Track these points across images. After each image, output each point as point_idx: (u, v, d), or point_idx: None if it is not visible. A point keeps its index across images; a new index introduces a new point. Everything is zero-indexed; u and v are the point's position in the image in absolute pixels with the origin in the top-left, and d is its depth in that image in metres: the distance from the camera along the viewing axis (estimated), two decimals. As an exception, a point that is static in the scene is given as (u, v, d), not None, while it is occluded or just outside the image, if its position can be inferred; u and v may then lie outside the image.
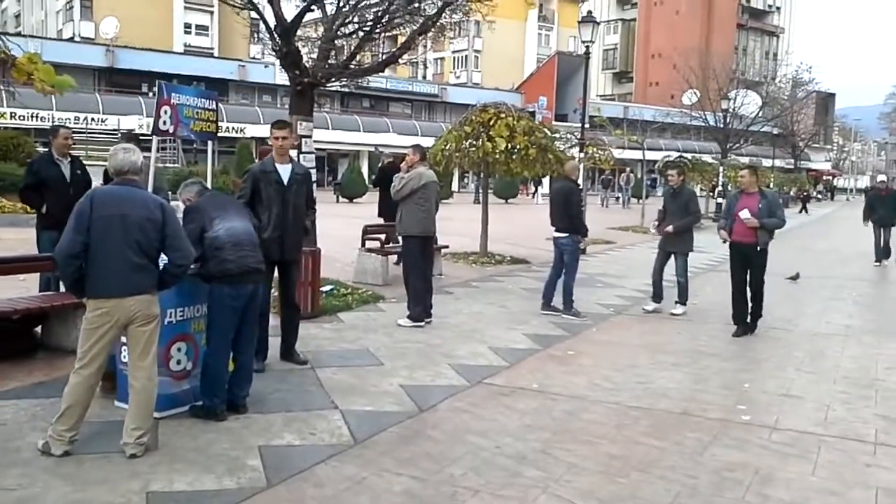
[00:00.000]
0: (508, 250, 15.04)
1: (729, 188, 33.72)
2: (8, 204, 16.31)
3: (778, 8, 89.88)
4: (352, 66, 9.11)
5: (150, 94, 44.55)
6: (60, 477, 4.02)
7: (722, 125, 32.49)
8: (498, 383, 6.24)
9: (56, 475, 4.04)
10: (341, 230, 14.32)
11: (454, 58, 72.64)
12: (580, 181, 16.57)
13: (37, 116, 36.85)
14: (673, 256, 9.57)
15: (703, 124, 35.48)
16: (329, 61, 9.07)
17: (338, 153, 47.74)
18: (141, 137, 6.66)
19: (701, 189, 33.31)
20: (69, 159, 7.12)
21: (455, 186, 41.66)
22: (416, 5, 9.25)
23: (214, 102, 5.98)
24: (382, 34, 9.53)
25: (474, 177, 38.97)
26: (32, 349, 6.37)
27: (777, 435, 5.17)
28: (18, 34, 55.32)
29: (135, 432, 4.33)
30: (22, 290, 7.54)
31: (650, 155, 36.38)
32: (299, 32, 9.24)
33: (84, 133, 32.98)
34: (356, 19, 9.34)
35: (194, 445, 4.57)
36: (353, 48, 9.15)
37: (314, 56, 9.28)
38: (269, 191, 6.25)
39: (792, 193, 48.23)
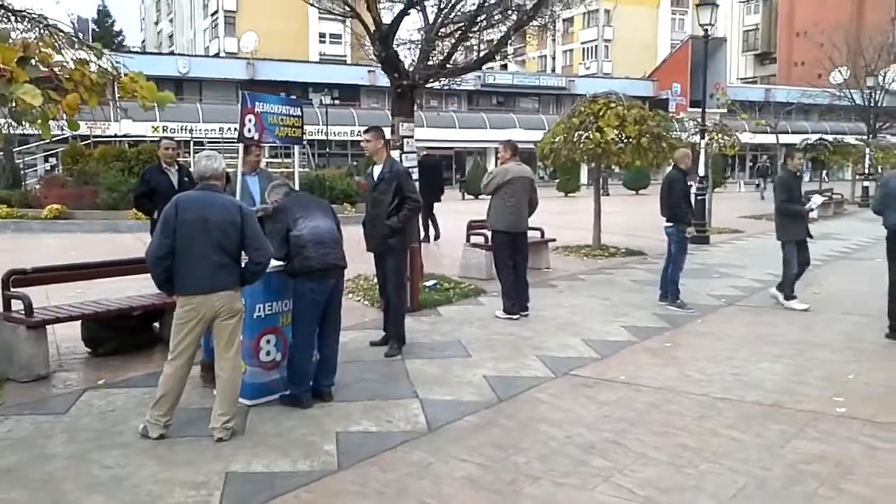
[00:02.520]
0: (625, 242, 14.76)
1: (881, 171, 31.45)
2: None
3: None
4: (448, 66, 9.27)
5: (288, 103, 46.73)
6: (153, 457, 4.42)
7: (868, 104, 30.26)
8: (584, 375, 6.22)
9: (150, 456, 4.45)
10: (456, 226, 14.54)
11: (584, 48, 71.60)
12: (701, 169, 16.12)
13: (186, 129, 39.58)
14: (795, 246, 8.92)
15: (849, 104, 33.14)
16: (428, 62, 9.27)
17: (465, 151, 48.34)
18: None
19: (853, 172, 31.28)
20: (177, 167, 7.71)
21: (584, 179, 41.10)
22: (511, 2, 9.30)
23: (299, 109, 6.31)
24: (479, 32, 9.62)
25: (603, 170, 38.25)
26: (152, 343, 6.96)
27: (870, 428, 4.89)
28: (171, 53, 59.58)
29: (221, 418, 4.69)
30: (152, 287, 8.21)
31: (793, 138, 34.50)
32: (401, 36, 9.52)
33: (225, 143, 35.01)
34: (455, 19, 9.50)
35: (277, 431, 4.88)
36: (449, 49, 9.30)
37: (415, 58, 9.51)
38: (369, 189, 6.95)
39: None
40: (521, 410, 5.37)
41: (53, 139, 22.03)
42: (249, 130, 5.88)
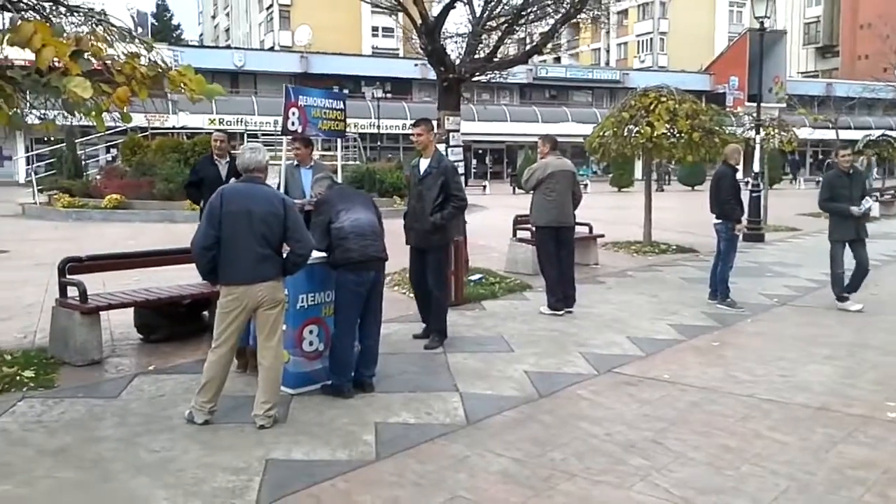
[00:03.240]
0: (676, 239, 14.55)
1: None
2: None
3: None
4: (495, 60, 9.25)
5: (340, 96, 47.21)
6: (198, 442, 4.53)
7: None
8: (627, 372, 6.15)
9: (194, 441, 4.56)
10: (504, 220, 14.56)
11: (639, 41, 70.69)
12: (756, 165, 15.78)
13: (241, 121, 40.31)
14: (849, 245, 8.73)
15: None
16: (474, 55, 9.27)
17: (516, 145, 48.16)
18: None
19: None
20: (227, 160, 7.86)
21: (638, 174, 40.53)
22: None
23: (342, 102, 6.37)
24: (526, 25, 9.58)
25: (657, 164, 37.72)
26: (201, 331, 7.10)
27: (922, 434, 4.74)
28: (228, 47, 60.56)
29: (264, 405, 4.77)
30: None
31: (855, 134, 33.53)
32: (448, 29, 9.54)
33: (278, 136, 35.57)
34: (501, 12, 9.47)
35: (318, 420, 4.95)
36: (495, 42, 9.28)
37: (462, 51, 9.51)
38: (412, 183, 6.98)
39: None
40: (561, 407, 5.34)
41: (113, 131, 22.51)
42: (293, 123, 5.97)
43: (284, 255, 4.85)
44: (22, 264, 11.08)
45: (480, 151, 52.45)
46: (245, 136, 29.71)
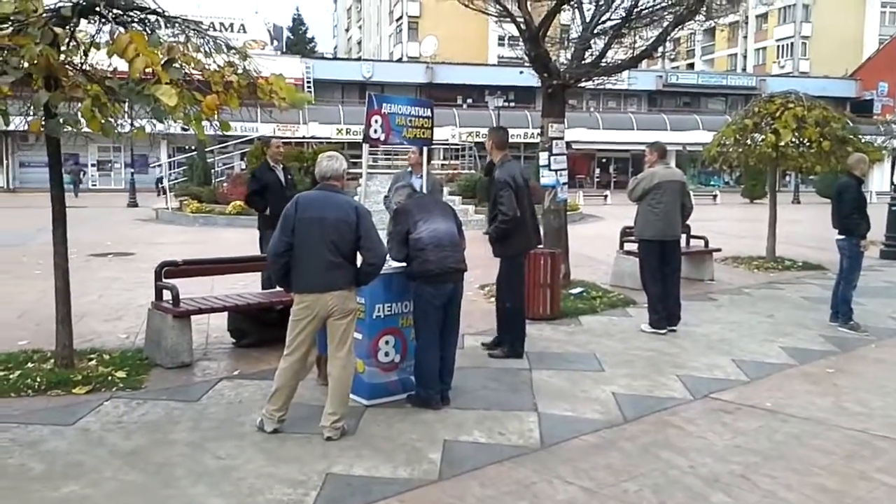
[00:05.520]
0: (805, 254, 13.58)
1: None
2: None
3: None
4: (602, 65, 8.91)
5: (464, 106, 47.52)
6: (262, 451, 4.51)
7: None
8: (725, 399, 5.70)
9: (260, 449, 4.54)
10: (618, 232, 14.12)
11: (778, 46, 67.18)
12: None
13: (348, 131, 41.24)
14: None
15: None
16: (581, 61, 8.97)
17: (642, 154, 46.86)
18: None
19: None
20: (281, 166, 8.03)
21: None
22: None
23: (429, 110, 6.24)
24: (634, 30, 9.18)
25: (794, 175, 35.69)
26: (292, 337, 7.16)
27: None
28: (358, 59, 62.36)
29: (331, 416, 4.71)
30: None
31: None
32: (552, 34, 9.29)
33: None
34: (611, 17, 9.14)
35: (387, 434, 4.83)
36: (602, 47, 8.95)
37: (568, 56, 9.24)
38: None
39: None
40: (646, 433, 4.99)
41: (244, 140, 23.51)
42: (375, 131, 5.91)
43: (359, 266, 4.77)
44: (143, 266, 11.63)
45: (604, 160, 51.44)
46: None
